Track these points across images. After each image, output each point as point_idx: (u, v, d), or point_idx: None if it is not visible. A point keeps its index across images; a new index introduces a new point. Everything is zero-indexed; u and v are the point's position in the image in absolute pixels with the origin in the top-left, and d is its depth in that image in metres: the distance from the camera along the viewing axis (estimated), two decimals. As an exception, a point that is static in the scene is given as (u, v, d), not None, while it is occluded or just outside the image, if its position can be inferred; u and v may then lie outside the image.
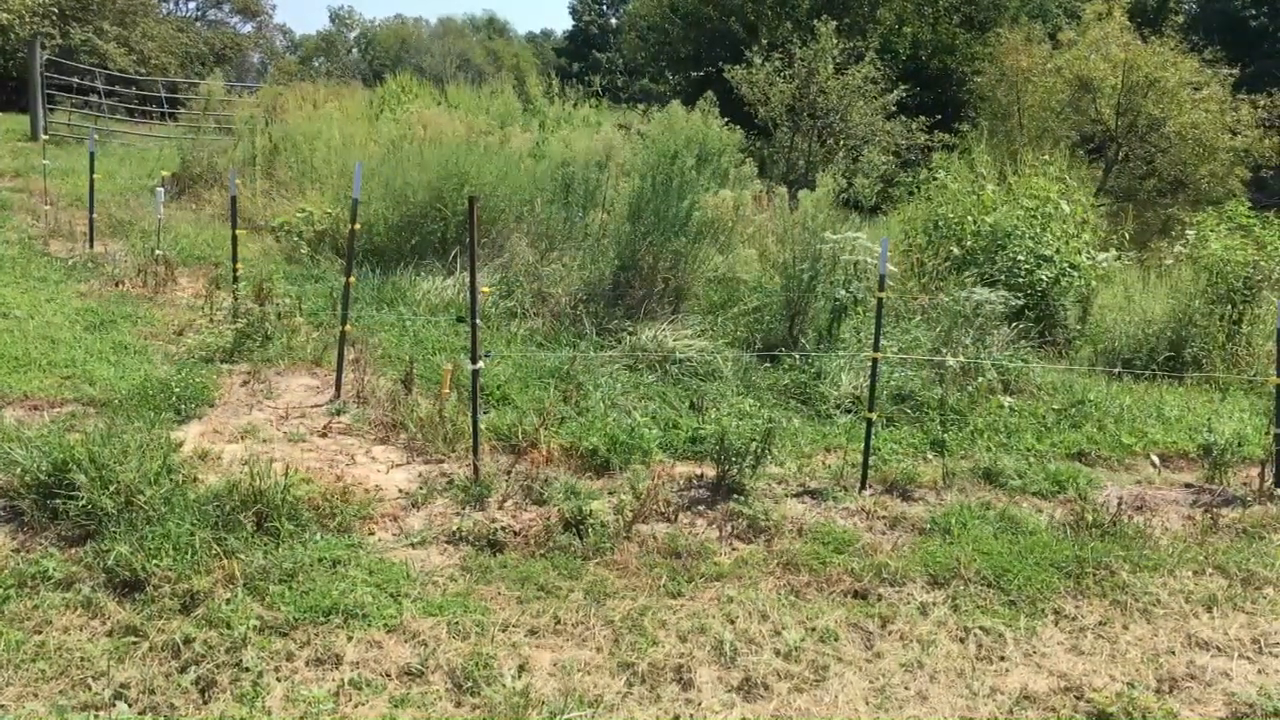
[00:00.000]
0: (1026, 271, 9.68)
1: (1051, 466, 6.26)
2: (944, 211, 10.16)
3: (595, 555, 4.73)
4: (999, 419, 6.99)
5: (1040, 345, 9.63)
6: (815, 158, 17.60)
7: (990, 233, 9.83)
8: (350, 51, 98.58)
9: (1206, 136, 14.40)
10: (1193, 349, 9.05)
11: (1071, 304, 9.94)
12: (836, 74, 16.98)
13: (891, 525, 5.32)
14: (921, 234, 10.41)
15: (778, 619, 4.25)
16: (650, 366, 7.26)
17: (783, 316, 7.70)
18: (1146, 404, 7.72)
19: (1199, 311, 9.25)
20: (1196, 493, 6.15)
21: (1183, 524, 5.65)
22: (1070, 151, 16.02)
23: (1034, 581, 4.61)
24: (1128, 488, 6.21)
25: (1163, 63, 14.40)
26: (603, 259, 8.11)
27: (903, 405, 7.08)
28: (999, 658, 4.05)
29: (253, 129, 11.83)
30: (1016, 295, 9.74)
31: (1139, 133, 14.78)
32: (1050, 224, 10.00)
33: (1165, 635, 4.23)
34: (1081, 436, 6.92)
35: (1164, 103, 14.26)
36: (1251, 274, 9.50)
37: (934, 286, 9.65)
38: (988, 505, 5.56)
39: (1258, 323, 9.57)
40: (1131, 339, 9.30)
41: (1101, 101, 14.88)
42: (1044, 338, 9.74)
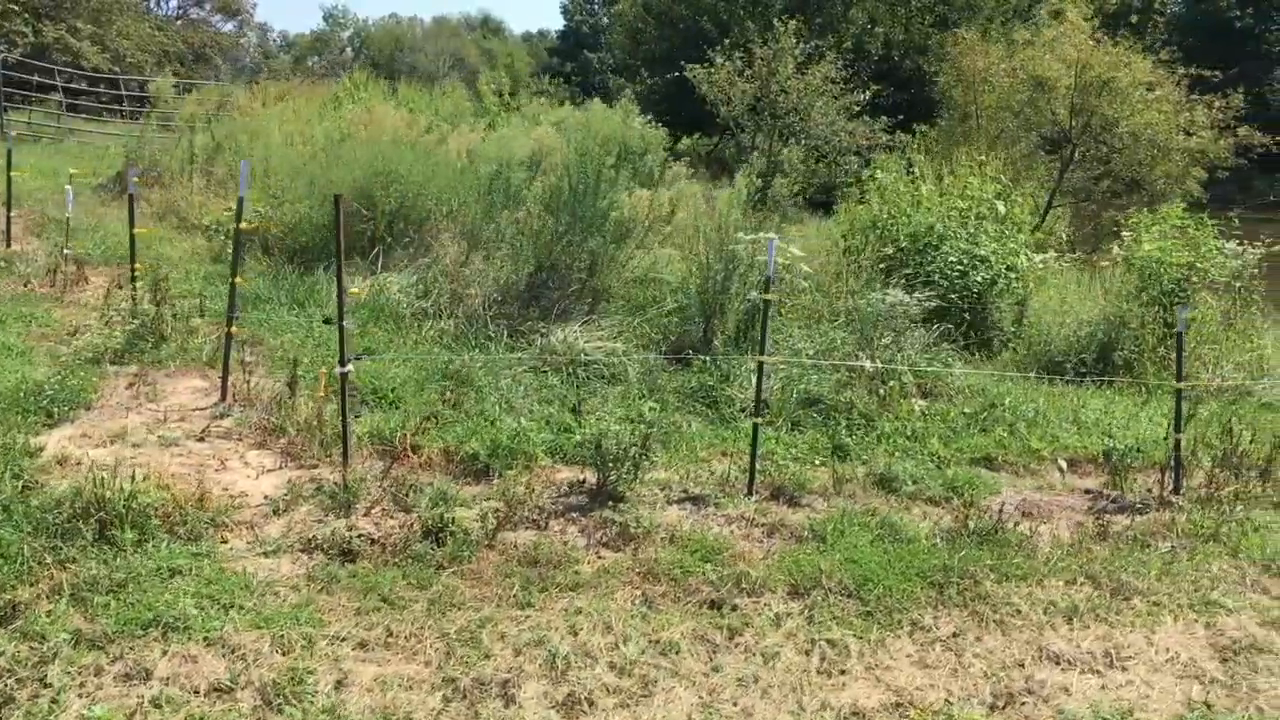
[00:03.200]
0: (960, 273, 9.58)
1: (950, 472, 6.16)
2: (878, 212, 10.06)
3: (452, 564, 4.62)
4: (907, 423, 6.88)
5: (971, 347, 9.55)
6: (778, 157, 17.51)
7: (924, 233, 9.73)
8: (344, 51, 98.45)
9: (1160, 137, 14.32)
10: (1123, 352, 8.95)
11: (1008, 306, 9.84)
12: (798, 73, 16.88)
13: (769, 532, 5.21)
14: (858, 234, 10.31)
15: (622, 631, 4.14)
16: (558, 369, 7.15)
17: (698, 318, 7.59)
18: (1065, 408, 7.61)
19: (1130, 314, 9.15)
20: (1094, 499, 6.04)
21: (1071, 531, 5.55)
22: (1029, 152, 15.95)
23: (895, 592, 4.50)
24: (1026, 494, 6.11)
25: (1116, 63, 14.31)
26: (520, 259, 8.00)
27: (811, 409, 6.97)
28: (840, 671, 3.94)
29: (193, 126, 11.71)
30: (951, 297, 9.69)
31: (1093, 133, 14.70)
32: (985, 224, 9.89)
33: (1017, 648, 4.13)
34: (989, 441, 6.81)
35: (1118, 103, 14.17)
36: (1186, 276, 9.41)
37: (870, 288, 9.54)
38: (873, 512, 5.45)
39: (1194, 326, 9.49)
40: (1064, 342, 9.20)
41: (1057, 102, 14.81)
42: (979, 340, 9.65)
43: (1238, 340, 9.35)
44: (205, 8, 43.28)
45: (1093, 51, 14.31)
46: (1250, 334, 9.53)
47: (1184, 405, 8.06)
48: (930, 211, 9.85)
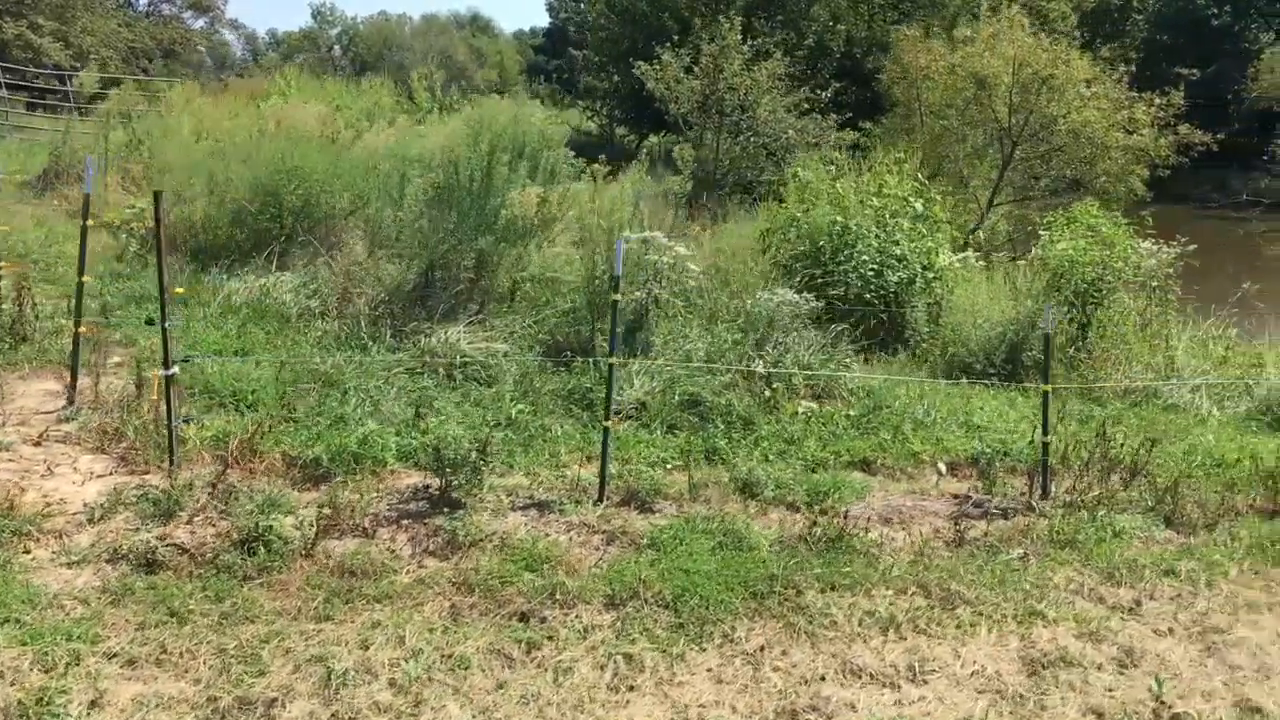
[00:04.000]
0: (874, 272, 9.44)
1: (817, 476, 6.02)
2: (795, 210, 9.92)
3: (260, 575, 4.46)
4: (789, 426, 6.74)
5: (888, 347, 9.42)
6: (725, 156, 17.37)
7: (840, 232, 9.59)
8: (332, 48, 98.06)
9: (1098, 135, 14.19)
10: (1030, 353, 8.81)
11: (925, 306, 9.70)
12: (746, 70, 16.73)
13: (609, 540, 5.07)
14: (775, 233, 10.17)
15: (415, 645, 3.99)
16: (435, 371, 6.99)
17: (586, 319, 7.44)
18: (959, 410, 7.49)
19: (1040, 314, 9.01)
20: (961, 503, 5.91)
21: (927, 538, 5.42)
22: (976, 150, 15.80)
23: (713, 603, 4.36)
24: (895, 498, 5.98)
25: (1054, 60, 14.18)
26: (411, 259, 7.84)
27: (690, 412, 6.83)
28: (629, 688, 3.80)
29: (108, 123, 11.53)
30: (866, 296, 9.56)
31: (1033, 131, 14.58)
32: (901, 223, 9.76)
33: (822, 661, 3.99)
34: (870, 444, 6.67)
35: (1056, 101, 14.05)
36: (1100, 275, 9.29)
37: (779, 287, 9.41)
38: (723, 518, 5.30)
39: (1109, 325, 9.39)
40: (975, 343, 9.07)
41: (997, 100, 14.68)
42: (896, 340, 9.53)
43: (1149, 341, 9.24)
44: (176, 4, 42.94)
45: (1030, 49, 14.20)
46: (1164, 335, 9.42)
47: (1066, 406, 8.03)
48: (845, 210, 9.71)
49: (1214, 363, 9.30)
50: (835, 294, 9.69)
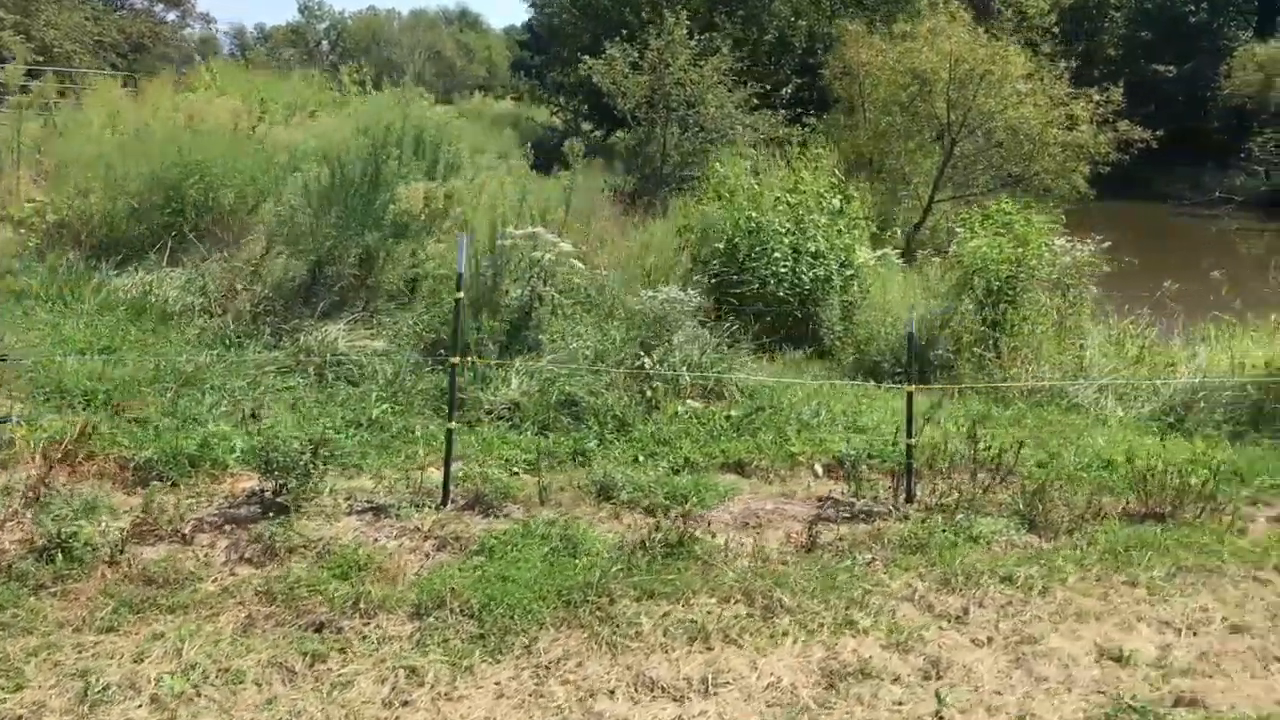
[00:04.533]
0: (788, 270, 9.31)
1: (680, 479, 5.88)
2: (710, 208, 9.78)
3: (56, 583, 4.30)
4: (664, 428, 6.60)
5: (802, 346, 9.31)
6: (675, 151, 17.21)
7: (755, 229, 9.45)
8: (320, 43, 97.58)
9: (1034, 131, 14.07)
10: (938, 352, 8.70)
11: (839, 304, 9.57)
12: (693, 66, 16.56)
13: (440, 546, 4.92)
14: (692, 231, 10.03)
15: (193, 658, 3.83)
16: (306, 371, 6.82)
17: (470, 317, 7.28)
18: (849, 411, 7.35)
19: (950, 313, 8.90)
20: (824, 506, 5.77)
21: (781, 542, 5.28)
22: (920, 146, 15.66)
23: (521, 611, 4.21)
24: (760, 501, 5.84)
25: (991, 55, 14.05)
26: (299, 255, 7.66)
27: (566, 412, 6.68)
28: (404, 703, 3.64)
29: (20, 115, 11.31)
30: (780, 295, 9.44)
31: (971, 127, 14.45)
32: (816, 219, 9.63)
33: (616, 674, 3.84)
34: (748, 445, 6.53)
35: (993, 97, 13.92)
36: (1014, 273, 9.16)
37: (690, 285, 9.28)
38: (564, 523, 5.15)
39: (1021, 324, 9.26)
40: (883, 342, 8.95)
41: (936, 95, 14.55)
42: (809, 338, 9.41)
43: (1062, 340, 9.11)
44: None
45: (968, 44, 14.06)
46: (1078, 334, 9.30)
47: (968, 407, 7.88)
48: (760, 207, 9.57)
49: (1128, 362, 9.18)
50: (749, 291, 9.59)
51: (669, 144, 17.06)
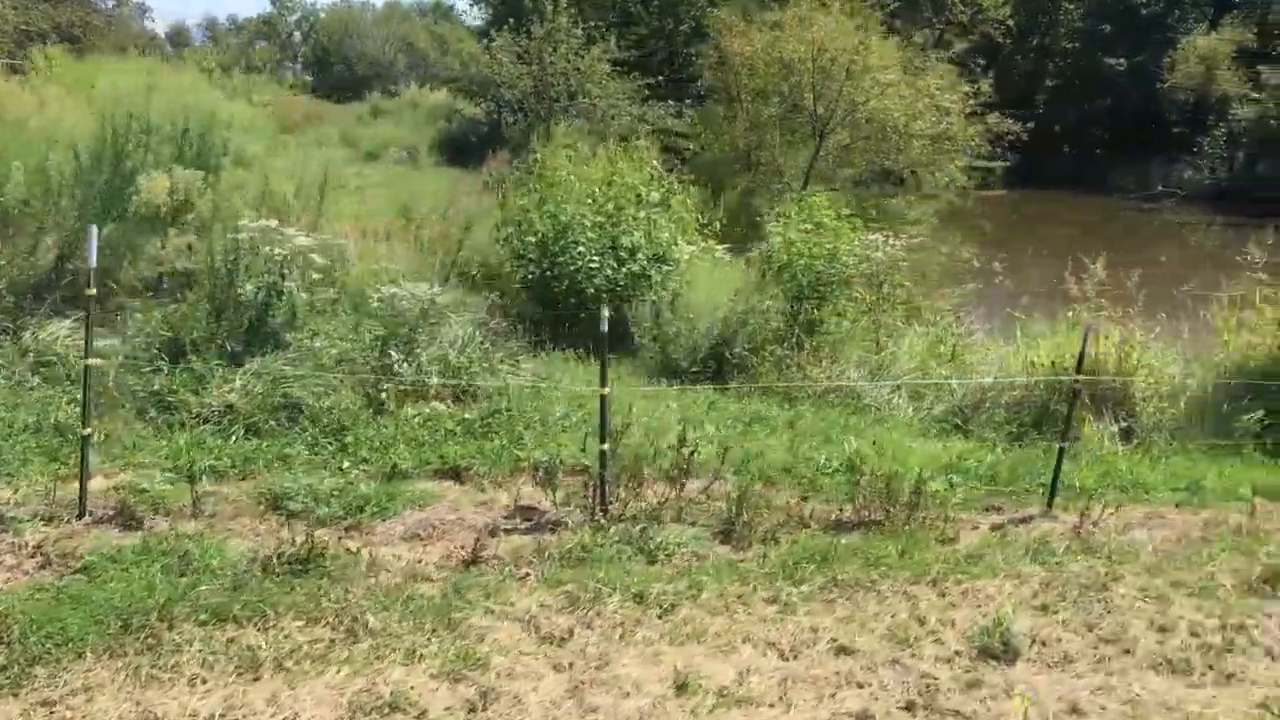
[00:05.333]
0: (598, 266, 9.00)
1: (364, 488, 5.55)
2: (524, 202, 9.45)
3: None
4: (382, 430, 6.28)
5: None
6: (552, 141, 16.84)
7: (564, 223, 9.13)
8: (291, 35, 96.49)
9: (898, 123, 13.80)
10: (735, 351, 8.39)
11: (650, 302, 9.25)
12: (576, 55, 16.22)
13: (45, 563, 4.57)
14: (509, 225, 9.70)
15: None
16: (12, 371, 6.45)
17: (205, 314, 6.93)
18: (618, 413, 7.03)
19: (752, 311, 8.61)
20: (510, 516, 5.47)
21: (444, 556, 4.98)
22: (796, 137, 15.36)
23: (64, 638, 3.86)
24: (453, 510, 5.53)
25: (856, 46, 13.74)
26: (41, 249, 7.29)
27: (284, 415, 6.34)
28: None
29: None
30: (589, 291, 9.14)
31: (838, 119, 14.17)
32: (630, 212, 9.31)
33: (123, 710, 3.51)
34: (472, 449, 6.22)
35: (859, 88, 13.62)
36: (825, 269, 8.89)
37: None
38: (201, 536, 4.82)
39: (833, 322, 8.99)
40: (684, 341, 8.64)
41: (804, 86, 14.26)
42: (616, 338, 9.08)
43: (872, 339, 8.84)
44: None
45: (830, 34, 13.76)
46: (889, 332, 9.03)
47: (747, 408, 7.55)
48: (573, 200, 9.25)
49: (939, 361, 8.93)
50: (560, 288, 9.29)
51: (554, 135, 16.70)
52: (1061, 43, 54.67)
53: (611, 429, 5.54)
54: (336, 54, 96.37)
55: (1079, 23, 54.33)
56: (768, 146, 14.95)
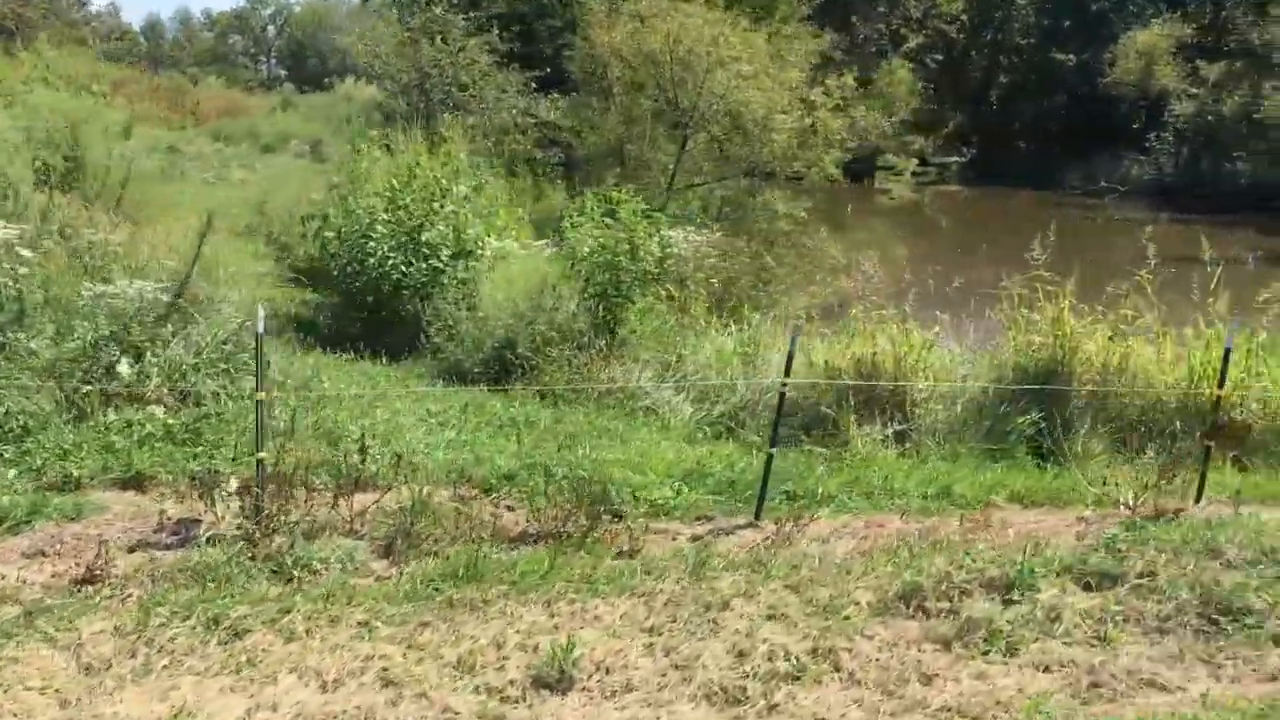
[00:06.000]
0: (388, 261, 8.68)
1: (4, 500, 5.21)
2: (321, 197, 9.12)
3: None
4: (70, 436, 5.94)
5: (394, 347, 8.70)
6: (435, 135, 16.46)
7: (358, 218, 8.81)
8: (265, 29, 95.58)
9: (758, 116, 13.51)
10: (518, 351, 8.08)
11: (451, 299, 8.93)
12: (455, 45, 15.84)
13: None
14: (315, 220, 9.37)
15: None
16: None
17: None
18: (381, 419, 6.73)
19: (546, 310, 8.31)
20: (162, 530, 5.14)
21: (57, 575, 4.65)
22: (661, 132, 15.02)
23: None
24: (115, 526, 5.19)
25: (714, 38, 13.41)
26: None
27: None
28: None
29: None
30: (385, 290, 8.84)
31: (702, 112, 13.86)
32: (437, 207, 8.99)
33: None
34: (162, 455, 5.89)
35: (718, 80, 13.29)
36: (622, 265, 8.59)
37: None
38: None
39: (634, 321, 8.70)
40: (473, 339, 8.34)
41: (665, 78, 13.94)
42: (408, 338, 8.80)
43: (674, 337, 8.55)
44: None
45: (687, 25, 13.44)
46: (699, 332, 8.75)
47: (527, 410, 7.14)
48: (370, 194, 8.93)
49: (742, 361, 8.65)
50: (356, 285, 8.97)
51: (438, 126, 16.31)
52: (1015, 38, 54.64)
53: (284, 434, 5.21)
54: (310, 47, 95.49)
55: (1032, 18, 54.34)
56: (636, 140, 14.65)
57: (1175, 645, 3.80)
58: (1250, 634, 3.82)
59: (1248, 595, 4.01)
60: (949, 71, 55.04)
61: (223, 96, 34.12)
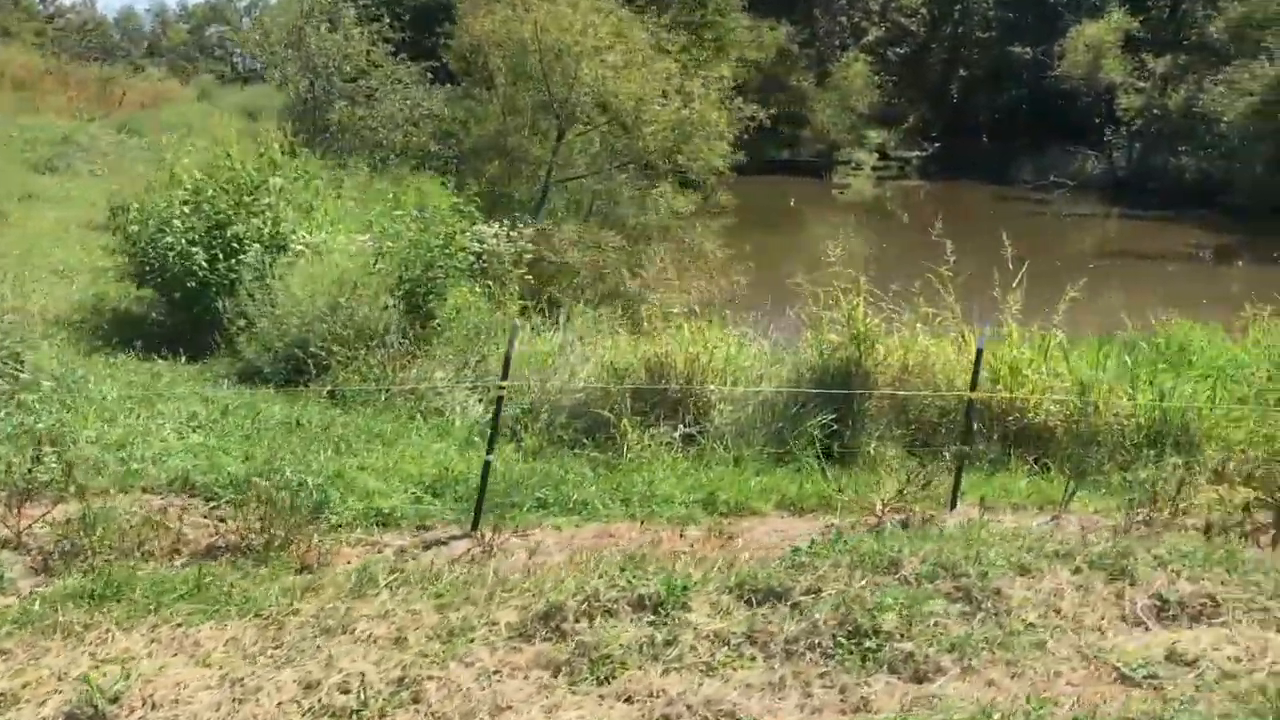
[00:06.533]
0: (185, 256, 8.34)
1: None
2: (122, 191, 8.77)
3: None
4: None
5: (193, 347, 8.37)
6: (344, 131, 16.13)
7: (154, 212, 8.46)
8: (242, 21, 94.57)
9: (629, 108, 13.17)
10: (311, 350, 7.76)
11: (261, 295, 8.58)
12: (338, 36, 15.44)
13: None
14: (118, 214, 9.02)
15: None
16: None
17: None
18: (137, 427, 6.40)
19: (344, 307, 7.99)
20: None
21: None
22: (537, 124, 14.66)
23: None
24: None
25: (584, 27, 13.02)
26: None
27: None
28: None
29: None
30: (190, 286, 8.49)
31: (575, 103, 13.50)
32: (244, 200, 8.65)
33: None
34: None
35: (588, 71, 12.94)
36: (437, 262, 8.29)
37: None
38: None
39: (447, 317, 8.41)
40: (264, 339, 8.01)
41: (537, 68, 13.59)
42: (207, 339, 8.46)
43: (470, 339, 8.24)
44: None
45: (555, 14, 13.08)
46: (501, 329, 8.43)
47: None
48: (173, 185, 8.58)
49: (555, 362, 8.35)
50: (160, 281, 8.63)
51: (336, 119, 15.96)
52: (975, 31, 54.40)
53: None
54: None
55: (992, 11, 54.06)
56: (515, 132, 14.30)
57: (787, 670, 3.53)
58: (866, 658, 3.55)
59: (885, 616, 3.74)
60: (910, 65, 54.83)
61: (156, 89, 33.54)
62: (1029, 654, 3.57)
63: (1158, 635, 3.80)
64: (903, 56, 55.05)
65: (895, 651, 3.55)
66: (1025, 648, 3.62)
